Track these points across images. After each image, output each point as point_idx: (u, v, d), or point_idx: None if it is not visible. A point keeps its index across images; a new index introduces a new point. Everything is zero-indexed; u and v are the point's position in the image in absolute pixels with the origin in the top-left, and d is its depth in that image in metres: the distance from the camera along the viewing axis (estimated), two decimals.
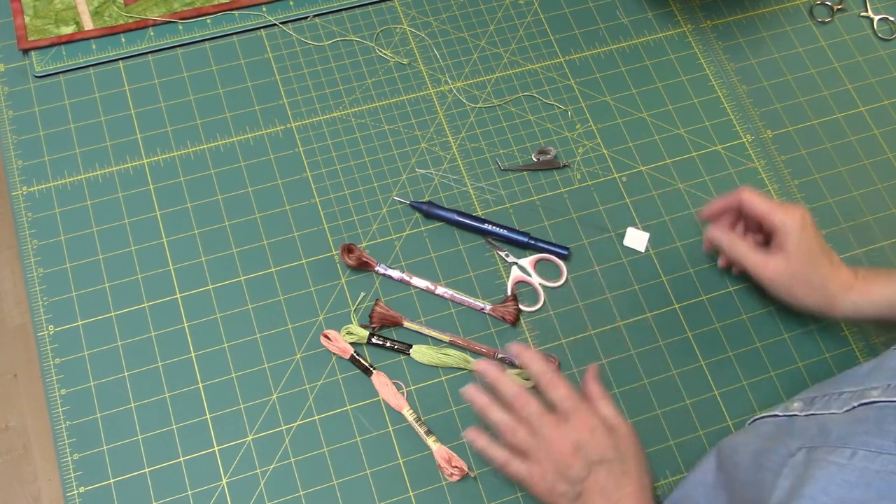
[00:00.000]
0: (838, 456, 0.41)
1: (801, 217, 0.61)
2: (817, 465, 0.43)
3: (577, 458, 0.55)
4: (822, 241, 0.62)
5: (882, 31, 0.83)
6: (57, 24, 0.75)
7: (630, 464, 0.57)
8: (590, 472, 0.55)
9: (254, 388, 0.64)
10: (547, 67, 0.78)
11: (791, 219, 0.61)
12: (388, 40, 0.78)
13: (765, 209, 0.62)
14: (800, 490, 0.42)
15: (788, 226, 0.61)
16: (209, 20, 0.76)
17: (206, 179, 0.71)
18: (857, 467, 0.40)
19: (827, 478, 0.41)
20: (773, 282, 0.62)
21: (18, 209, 0.68)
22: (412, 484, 0.62)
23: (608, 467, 0.56)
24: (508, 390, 0.58)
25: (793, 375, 0.67)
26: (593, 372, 0.63)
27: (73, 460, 0.61)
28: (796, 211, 0.61)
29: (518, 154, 0.74)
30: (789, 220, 0.61)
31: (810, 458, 0.44)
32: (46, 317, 0.65)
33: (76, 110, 0.72)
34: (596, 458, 0.56)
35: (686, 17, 0.82)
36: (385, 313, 0.65)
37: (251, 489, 0.61)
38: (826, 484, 0.41)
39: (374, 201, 0.71)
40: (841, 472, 0.41)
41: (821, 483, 0.41)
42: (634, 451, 0.58)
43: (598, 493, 0.55)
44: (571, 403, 0.58)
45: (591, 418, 0.57)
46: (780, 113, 0.78)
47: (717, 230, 0.66)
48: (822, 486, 0.41)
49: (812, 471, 0.43)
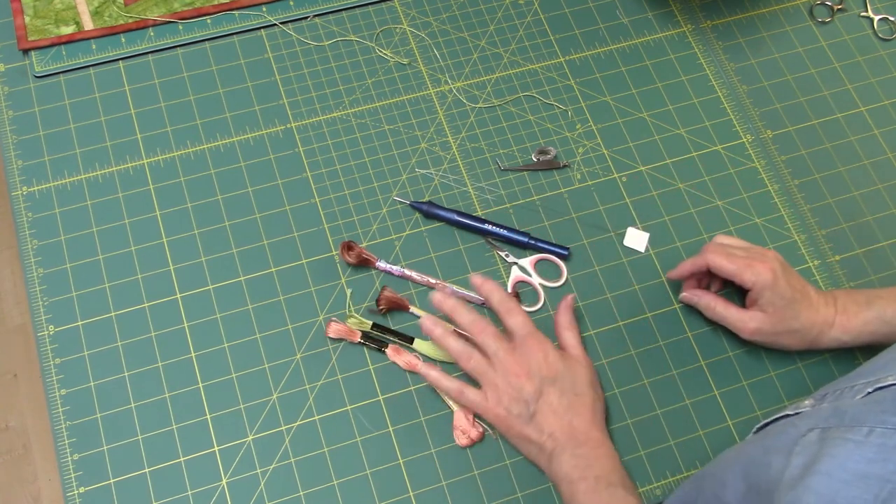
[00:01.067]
0: (855, 434, 0.41)
1: (770, 272, 0.61)
2: (832, 444, 0.42)
3: (530, 379, 0.59)
4: (797, 281, 0.63)
5: (882, 31, 0.83)
6: (57, 24, 0.75)
7: (583, 391, 0.60)
8: (542, 391, 0.59)
9: (254, 388, 0.64)
10: (547, 67, 0.78)
11: (761, 277, 0.61)
12: (388, 40, 0.78)
13: (732, 271, 0.62)
14: (814, 466, 0.41)
15: (760, 284, 0.61)
16: (209, 20, 0.76)
17: (206, 179, 0.71)
18: (875, 443, 0.40)
19: (844, 454, 0.41)
20: (754, 337, 0.64)
21: (18, 209, 0.68)
22: (412, 484, 0.62)
23: (560, 387, 0.59)
24: (464, 318, 0.61)
25: (793, 375, 0.67)
26: (568, 302, 0.65)
27: (73, 460, 0.61)
28: (764, 267, 0.61)
29: (518, 154, 0.74)
30: (759, 280, 0.61)
31: (825, 437, 0.43)
32: (46, 317, 0.65)
33: (76, 110, 0.72)
34: (548, 377, 0.59)
35: (686, 17, 0.82)
36: (392, 297, 0.66)
37: (251, 489, 0.61)
38: (843, 460, 0.40)
39: (374, 201, 0.71)
40: (858, 449, 0.40)
41: (838, 459, 0.41)
42: (589, 380, 0.61)
43: (551, 413, 0.58)
44: (527, 330, 0.61)
45: (545, 342, 0.61)
46: (780, 113, 0.78)
47: (691, 294, 0.66)
48: (839, 462, 0.41)
49: (827, 448, 0.42)
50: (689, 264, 0.66)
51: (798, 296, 0.62)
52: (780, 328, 0.62)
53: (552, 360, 0.60)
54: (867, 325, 0.62)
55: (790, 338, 0.63)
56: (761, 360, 0.67)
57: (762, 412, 0.65)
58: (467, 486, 0.62)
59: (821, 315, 0.63)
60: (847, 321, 0.62)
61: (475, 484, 0.62)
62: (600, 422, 0.60)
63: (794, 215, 0.74)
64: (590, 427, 0.59)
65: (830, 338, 0.63)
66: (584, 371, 0.61)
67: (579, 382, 0.60)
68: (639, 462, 0.63)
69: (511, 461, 0.63)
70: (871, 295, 0.63)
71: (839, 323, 0.63)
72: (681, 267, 0.66)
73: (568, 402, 0.59)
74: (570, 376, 0.60)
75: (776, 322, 0.62)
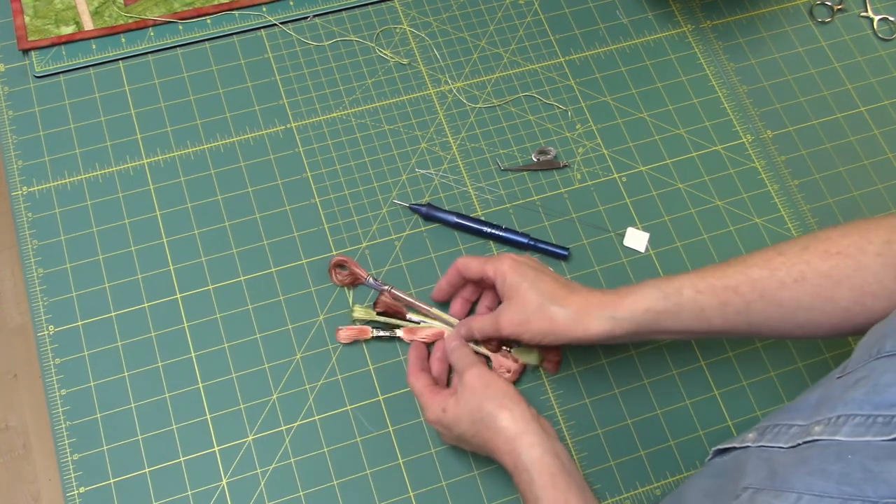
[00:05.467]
0: (784, 500, 0.41)
1: (509, 259, 0.59)
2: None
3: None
4: (555, 277, 0.59)
5: (882, 31, 0.83)
6: (57, 24, 0.75)
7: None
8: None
9: (254, 388, 0.64)
10: (547, 67, 0.78)
11: (500, 263, 0.59)
12: (388, 40, 0.78)
13: (477, 266, 0.61)
14: None
15: (500, 271, 0.59)
16: (209, 20, 0.76)
17: (206, 179, 0.71)
18: None
19: None
20: (513, 332, 0.58)
21: (18, 209, 0.68)
22: (412, 484, 0.62)
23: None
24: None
25: (793, 375, 0.67)
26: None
27: (73, 460, 0.61)
28: (504, 256, 0.60)
29: (518, 154, 0.74)
30: (500, 266, 0.59)
31: (755, 499, 0.43)
32: (46, 317, 0.65)
33: (76, 110, 0.72)
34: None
35: (686, 17, 0.82)
36: (390, 302, 0.65)
37: (251, 489, 0.61)
38: None
39: (374, 201, 0.71)
40: None
41: None
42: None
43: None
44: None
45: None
46: (780, 113, 0.78)
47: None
48: None
49: None
50: (444, 280, 0.64)
51: (555, 284, 0.58)
52: (531, 310, 0.56)
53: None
54: (641, 301, 0.55)
55: (547, 321, 0.56)
56: (761, 360, 0.68)
57: (762, 412, 0.66)
58: (467, 486, 0.62)
59: (583, 295, 0.57)
60: (618, 299, 0.56)
61: (475, 484, 0.62)
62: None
63: (794, 215, 0.74)
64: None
65: (603, 316, 0.55)
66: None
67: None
68: (639, 462, 0.63)
69: None
70: (645, 281, 0.58)
71: (609, 300, 0.56)
72: (438, 287, 0.65)
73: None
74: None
75: (526, 305, 0.57)
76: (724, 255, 0.71)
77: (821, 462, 0.41)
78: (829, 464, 0.41)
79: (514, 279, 0.58)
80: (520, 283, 0.58)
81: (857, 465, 0.39)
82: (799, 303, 0.54)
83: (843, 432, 0.42)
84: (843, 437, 0.42)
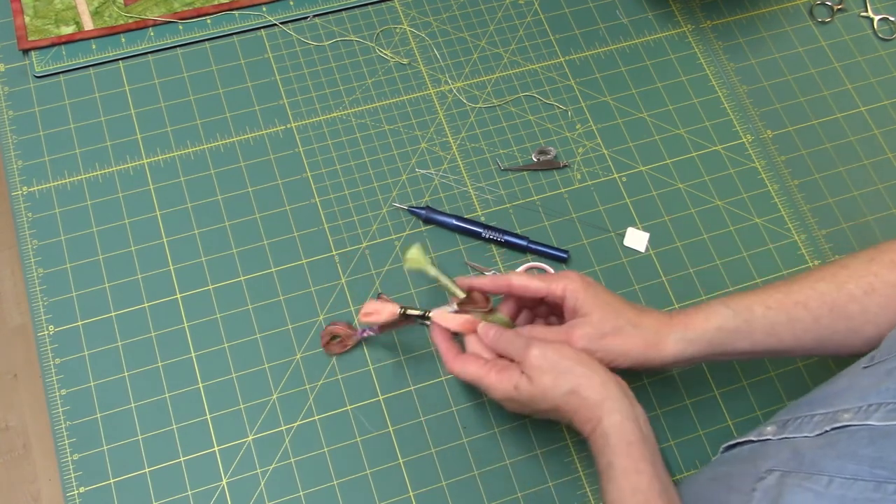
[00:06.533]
0: (815, 483, 0.41)
1: (578, 276, 0.57)
2: (792, 491, 0.42)
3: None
4: (623, 299, 0.58)
5: (882, 31, 0.83)
6: (57, 24, 0.75)
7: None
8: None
9: (254, 388, 0.64)
10: (547, 67, 0.78)
11: (569, 282, 0.57)
12: (388, 40, 0.78)
13: (539, 287, 0.57)
14: None
15: (572, 289, 0.56)
16: (209, 20, 0.76)
17: (206, 179, 0.71)
18: (835, 495, 0.40)
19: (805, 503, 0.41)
20: (586, 346, 0.55)
21: (18, 209, 0.68)
22: (412, 484, 0.62)
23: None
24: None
25: (793, 376, 0.67)
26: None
27: (73, 460, 0.61)
28: (571, 274, 0.57)
29: (518, 154, 0.74)
30: (571, 283, 0.56)
31: (783, 481, 0.43)
32: (46, 317, 0.65)
33: (76, 110, 0.72)
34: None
35: (686, 17, 0.82)
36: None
37: (251, 489, 0.61)
38: None
39: (374, 201, 0.71)
40: (818, 500, 0.40)
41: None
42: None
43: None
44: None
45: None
46: (780, 113, 0.78)
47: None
48: None
49: (787, 496, 0.42)
50: (486, 282, 0.59)
51: (622, 302, 0.57)
52: (606, 328, 0.55)
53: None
54: (712, 321, 0.55)
55: (621, 340, 0.55)
56: (761, 360, 0.67)
57: (762, 412, 0.66)
58: (467, 486, 0.62)
59: (653, 316, 0.56)
60: (687, 319, 0.56)
61: (475, 484, 0.62)
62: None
63: (794, 215, 0.74)
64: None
65: (674, 338, 0.55)
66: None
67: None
68: None
69: (511, 461, 0.63)
70: (712, 303, 0.57)
71: (680, 321, 0.56)
72: (479, 282, 0.60)
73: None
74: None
75: (601, 323, 0.55)
76: (725, 254, 0.71)
77: (852, 446, 0.41)
78: (860, 447, 0.41)
79: (589, 297, 0.56)
80: (594, 301, 0.56)
81: (893, 448, 0.39)
82: (867, 316, 0.54)
83: (875, 417, 0.42)
84: (875, 421, 0.42)
